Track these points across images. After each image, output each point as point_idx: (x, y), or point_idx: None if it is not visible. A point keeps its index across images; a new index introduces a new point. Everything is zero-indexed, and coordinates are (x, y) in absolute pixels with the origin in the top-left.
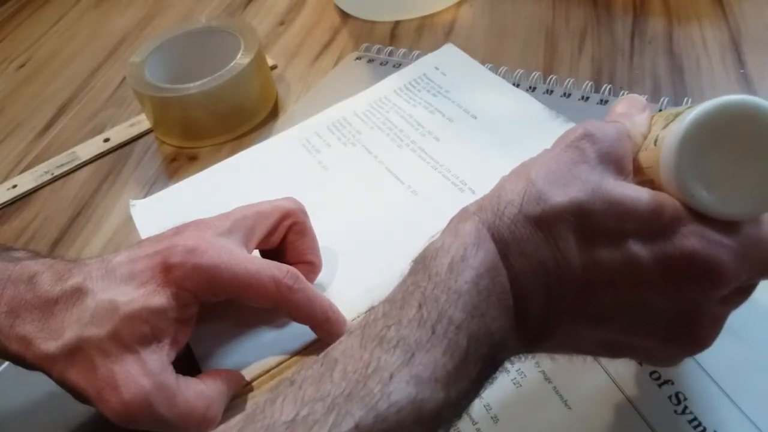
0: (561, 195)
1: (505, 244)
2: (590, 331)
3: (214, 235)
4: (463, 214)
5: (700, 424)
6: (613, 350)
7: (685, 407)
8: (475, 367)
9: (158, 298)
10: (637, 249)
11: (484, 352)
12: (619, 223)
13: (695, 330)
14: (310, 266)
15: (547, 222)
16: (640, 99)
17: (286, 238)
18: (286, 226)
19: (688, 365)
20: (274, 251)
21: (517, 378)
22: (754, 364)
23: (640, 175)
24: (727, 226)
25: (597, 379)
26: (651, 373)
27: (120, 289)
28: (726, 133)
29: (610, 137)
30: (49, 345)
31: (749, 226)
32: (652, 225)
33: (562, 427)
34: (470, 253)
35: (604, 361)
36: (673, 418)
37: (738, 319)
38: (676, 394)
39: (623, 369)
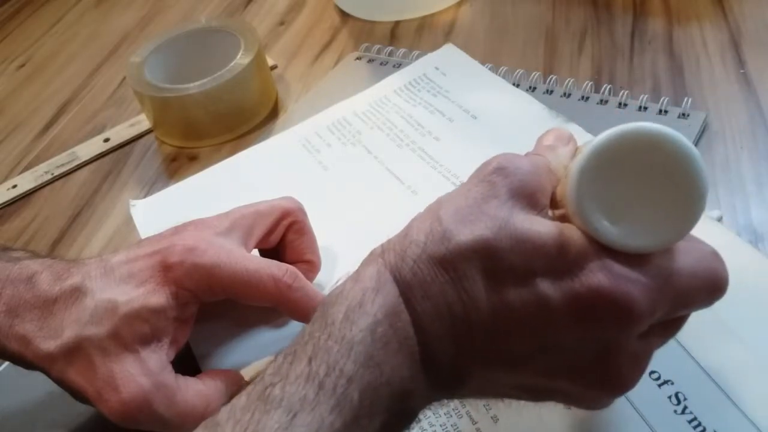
0: (467, 233)
1: (408, 287)
2: (506, 376)
3: (214, 234)
4: (369, 257)
5: (699, 424)
6: (535, 395)
7: (685, 407)
8: (372, 421)
9: (158, 297)
10: (545, 287)
11: (383, 404)
12: (526, 260)
13: (613, 370)
14: (309, 265)
15: (452, 262)
16: (566, 131)
17: (285, 237)
18: (285, 225)
19: (689, 366)
20: (273, 250)
21: None
22: (754, 364)
23: (560, 209)
24: (636, 259)
25: None
26: (651, 373)
27: (119, 289)
28: (627, 163)
29: (523, 170)
30: (49, 344)
31: (660, 258)
32: (559, 262)
33: (562, 427)
34: (368, 299)
35: None
36: (672, 418)
37: (738, 319)
38: (676, 394)
39: None
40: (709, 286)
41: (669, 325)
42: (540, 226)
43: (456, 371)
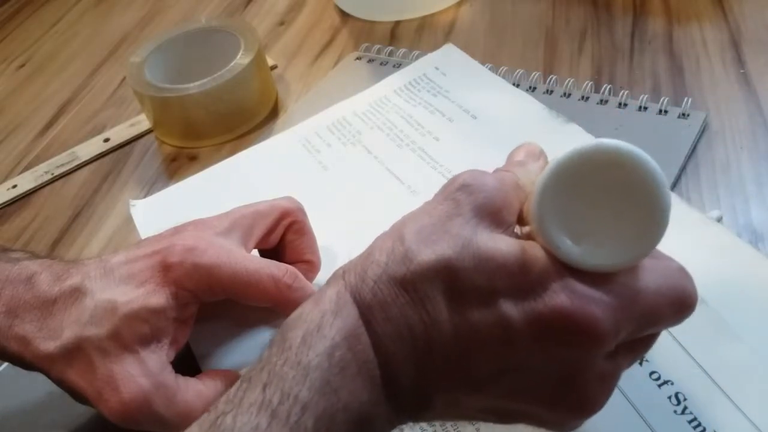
0: (429, 253)
1: (368, 309)
2: (470, 398)
3: (213, 234)
4: (331, 277)
5: (699, 425)
6: (501, 417)
7: (685, 407)
8: None
9: (157, 297)
10: (508, 308)
11: (340, 431)
12: (489, 280)
13: (579, 392)
14: (309, 265)
15: (413, 283)
16: (536, 147)
17: (284, 237)
18: (285, 225)
19: (689, 366)
20: (273, 250)
21: None
22: (754, 365)
23: (528, 225)
24: (600, 278)
25: None
26: (651, 374)
27: (119, 289)
28: (589, 181)
29: (488, 188)
30: (48, 345)
31: (625, 277)
32: (521, 281)
33: None
34: (326, 322)
35: None
36: (672, 419)
37: (738, 319)
38: (676, 395)
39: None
40: (676, 304)
41: (637, 345)
42: (503, 245)
43: (419, 394)
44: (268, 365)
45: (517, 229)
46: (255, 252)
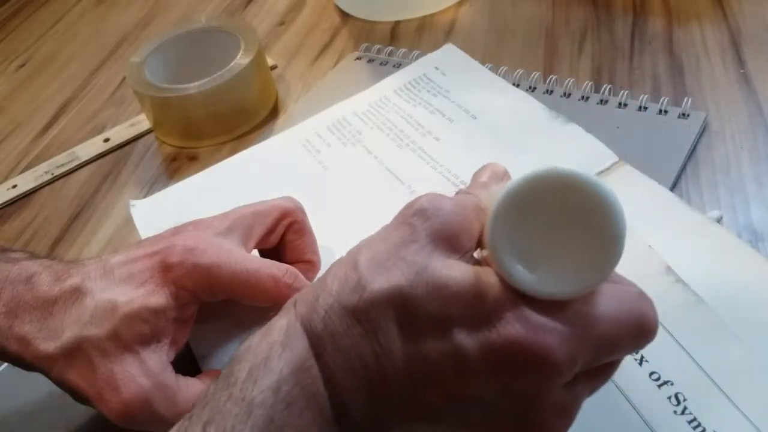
0: (382, 281)
1: (319, 340)
2: (429, 430)
3: (213, 234)
4: (285, 306)
5: (699, 425)
6: None
7: (685, 408)
8: None
9: (157, 297)
10: (462, 338)
11: None
12: (443, 309)
13: (537, 424)
14: (309, 265)
15: (365, 312)
16: (500, 168)
17: (284, 237)
18: (285, 225)
19: (688, 366)
20: (273, 250)
21: None
22: (754, 365)
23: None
24: (555, 306)
25: None
26: (650, 374)
27: (119, 289)
28: (542, 206)
29: (445, 212)
30: (48, 345)
31: (580, 304)
32: (476, 310)
33: None
34: (274, 355)
35: None
36: (672, 419)
37: (738, 320)
38: (676, 395)
39: (622, 369)
40: (635, 330)
41: (597, 373)
42: (457, 272)
43: (374, 427)
44: (211, 401)
45: (478, 253)
46: (255, 252)
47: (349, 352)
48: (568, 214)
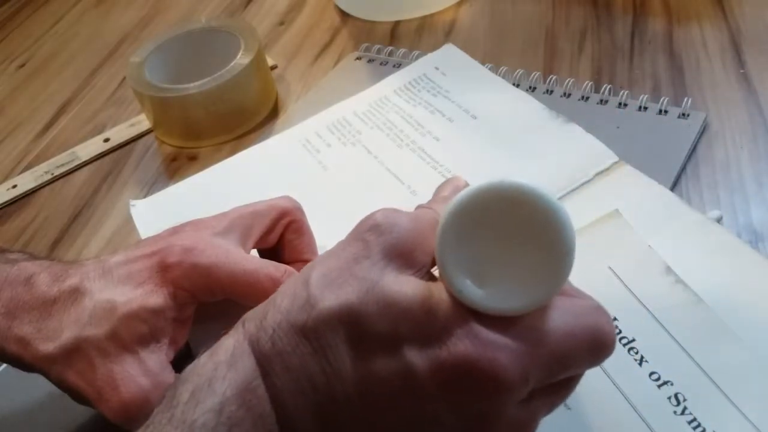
0: (332, 298)
1: (266, 359)
2: None
3: (212, 234)
4: (235, 325)
5: (699, 425)
6: None
7: (685, 408)
8: None
9: (156, 298)
10: (412, 356)
11: None
12: (393, 326)
13: None
14: None
15: (314, 330)
16: (462, 182)
17: (283, 236)
18: (284, 224)
19: (688, 366)
20: (271, 250)
21: None
22: (754, 365)
23: None
24: (506, 322)
25: (596, 380)
26: (650, 374)
27: (118, 290)
28: (490, 220)
29: (400, 228)
30: (47, 346)
31: (533, 319)
32: (426, 327)
33: (561, 428)
34: (219, 375)
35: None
36: (672, 419)
37: (738, 320)
38: (676, 395)
39: (622, 369)
40: (591, 345)
41: (555, 389)
42: (409, 288)
43: None
44: (152, 424)
45: (436, 269)
46: (254, 252)
47: (298, 371)
48: (517, 228)
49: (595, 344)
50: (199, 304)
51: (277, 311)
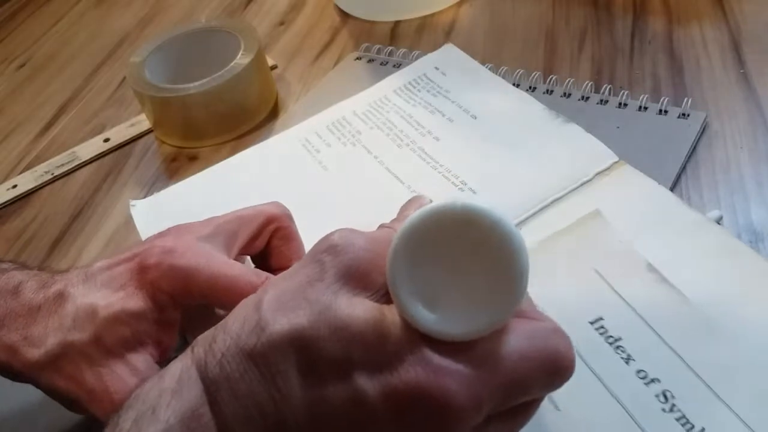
0: (283, 322)
1: (213, 385)
2: None
3: (195, 238)
4: (187, 349)
5: (688, 422)
6: None
7: (673, 405)
8: None
9: (136, 300)
10: (363, 383)
11: None
12: (344, 351)
13: None
14: None
15: (264, 355)
16: (426, 201)
17: (270, 243)
18: (270, 230)
19: (675, 364)
20: (258, 256)
21: None
22: (741, 362)
23: None
24: (459, 347)
25: (585, 380)
26: (638, 372)
27: (99, 294)
28: (442, 243)
29: (357, 249)
30: (33, 352)
31: (486, 343)
32: (378, 352)
33: (551, 428)
34: (163, 402)
35: (590, 361)
36: (660, 417)
37: (737, 320)
38: (664, 393)
39: (610, 368)
40: (548, 368)
41: (512, 414)
42: (361, 312)
43: None
44: None
45: None
46: (249, 261)
47: (246, 398)
48: (471, 251)
49: (553, 368)
50: (185, 307)
51: (227, 335)
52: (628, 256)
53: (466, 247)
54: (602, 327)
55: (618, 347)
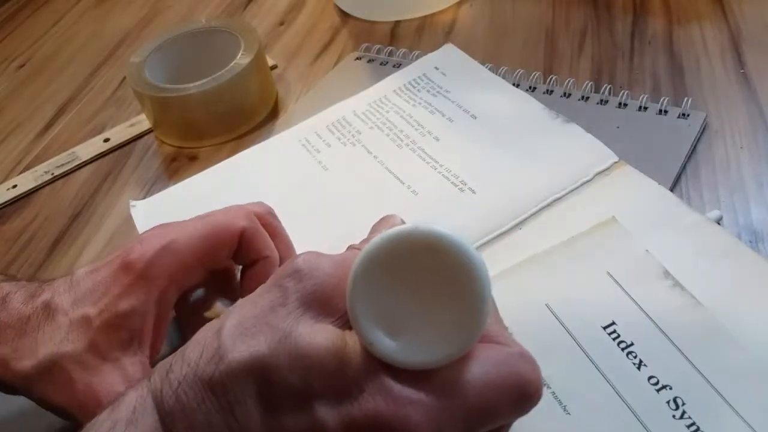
0: (242, 350)
1: (169, 416)
2: None
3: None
4: (143, 378)
5: (698, 429)
6: None
7: (684, 412)
8: None
9: (126, 300)
10: (323, 413)
11: None
12: (304, 379)
13: None
14: (266, 260)
15: (222, 385)
16: (398, 220)
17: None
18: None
19: (687, 370)
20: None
21: None
22: (753, 370)
23: None
24: (421, 375)
25: (596, 384)
26: (649, 378)
27: (88, 301)
28: (403, 268)
29: (321, 273)
30: (24, 364)
31: (449, 371)
32: (338, 380)
33: None
34: None
35: (602, 365)
36: (671, 423)
37: (737, 322)
38: (675, 399)
39: (621, 373)
40: (513, 395)
41: None
42: (322, 339)
43: None
44: None
45: None
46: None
47: (203, 429)
48: (432, 277)
49: (519, 395)
50: (182, 294)
51: (185, 363)
52: (643, 261)
53: (428, 273)
54: (615, 332)
55: (630, 352)
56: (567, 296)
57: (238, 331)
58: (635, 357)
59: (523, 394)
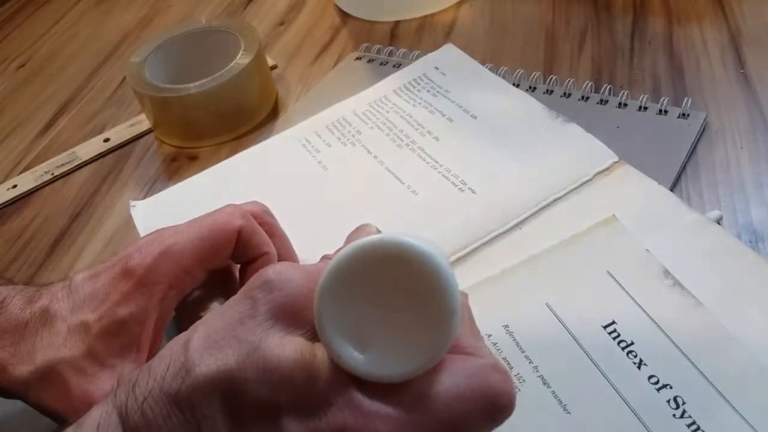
0: (210, 363)
1: None
2: None
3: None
4: (107, 393)
5: (699, 428)
6: None
7: (684, 411)
8: None
9: (125, 307)
10: (291, 427)
11: None
12: (272, 393)
13: None
14: (266, 257)
15: (188, 399)
16: (373, 229)
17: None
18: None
19: (687, 369)
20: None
21: (515, 382)
22: (753, 369)
23: None
24: (390, 389)
25: (596, 384)
26: (649, 377)
27: (87, 307)
28: (371, 280)
29: (292, 284)
30: (22, 370)
31: (419, 384)
32: (306, 396)
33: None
34: None
35: (602, 365)
36: (671, 423)
37: (737, 322)
38: (675, 398)
39: (621, 373)
40: (485, 407)
41: None
42: (290, 351)
43: None
44: None
45: None
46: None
47: None
48: (400, 289)
49: (491, 406)
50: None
51: (151, 377)
52: (644, 260)
53: (397, 284)
54: (615, 331)
55: (630, 352)
56: (567, 296)
57: (205, 344)
58: (635, 356)
59: (495, 405)
